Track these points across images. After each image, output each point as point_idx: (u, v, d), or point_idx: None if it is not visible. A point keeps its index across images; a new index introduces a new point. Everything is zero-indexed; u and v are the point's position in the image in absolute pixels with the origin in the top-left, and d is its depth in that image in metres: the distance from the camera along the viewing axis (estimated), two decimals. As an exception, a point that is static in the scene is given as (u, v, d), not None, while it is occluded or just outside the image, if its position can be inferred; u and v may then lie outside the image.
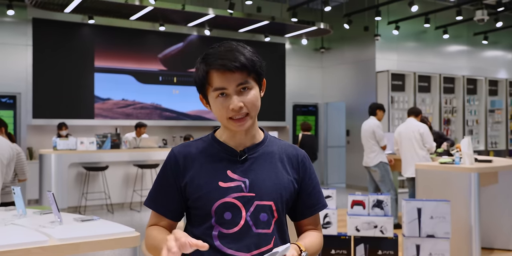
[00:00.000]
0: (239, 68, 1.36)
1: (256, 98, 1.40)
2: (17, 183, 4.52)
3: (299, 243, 1.40)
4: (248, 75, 1.38)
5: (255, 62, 1.40)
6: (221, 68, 1.36)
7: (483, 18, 8.69)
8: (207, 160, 1.45)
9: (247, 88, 1.39)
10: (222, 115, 1.39)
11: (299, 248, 1.37)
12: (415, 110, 6.56)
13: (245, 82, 1.38)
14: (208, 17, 9.05)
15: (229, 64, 1.35)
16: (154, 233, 1.44)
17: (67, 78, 9.20)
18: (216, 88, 1.37)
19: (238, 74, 1.36)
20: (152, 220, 1.50)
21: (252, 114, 1.40)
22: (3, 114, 8.69)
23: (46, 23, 9.05)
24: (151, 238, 1.44)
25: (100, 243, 2.20)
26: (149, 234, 1.46)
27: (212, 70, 1.38)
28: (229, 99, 1.37)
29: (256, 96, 1.40)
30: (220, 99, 1.38)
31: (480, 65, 11.95)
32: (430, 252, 3.95)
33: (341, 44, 11.42)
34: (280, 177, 1.46)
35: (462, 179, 4.58)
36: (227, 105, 1.37)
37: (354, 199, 4.18)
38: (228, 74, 1.36)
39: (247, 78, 1.38)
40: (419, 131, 6.22)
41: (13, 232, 2.35)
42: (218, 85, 1.37)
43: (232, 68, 1.35)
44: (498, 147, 11.95)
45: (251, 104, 1.39)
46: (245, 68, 1.37)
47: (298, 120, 11.76)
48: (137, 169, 8.29)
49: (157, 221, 1.49)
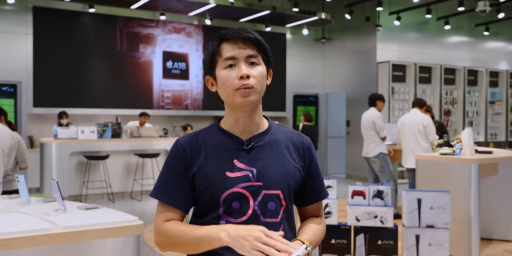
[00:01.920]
0: (251, 40, 1.40)
1: (263, 75, 1.42)
2: (18, 171, 4.53)
3: (303, 239, 1.40)
4: (259, 51, 1.42)
5: (266, 45, 1.45)
6: (234, 35, 1.40)
7: (485, 9, 8.66)
8: (213, 149, 1.44)
9: (256, 63, 1.41)
10: (228, 87, 1.39)
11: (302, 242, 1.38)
12: (420, 101, 6.53)
13: (255, 55, 1.41)
14: (209, 6, 9.01)
15: (243, 34, 1.40)
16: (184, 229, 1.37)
17: (68, 66, 9.18)
18: (227, 57, 1.40)
19: (250, 46, 1.40)
20: (164, 215, 1.43)
21: (258, 89, 1.40)
22: (4, 103, 8.69)
23: (46, 12, 9.01)
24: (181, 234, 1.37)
25: (104, 231, 2.22)
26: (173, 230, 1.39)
27: (224, 42, 1.41)
28: (238, 69, 1.39)
29: (263, 73, 1.42)
30: (229, 69, 1.40)
31: (481, 56, 11.93)
32: (430, 242, 3.99)
33: (342, 35, 11.39)
34: (287, 165, 1.46)
35: (462, 170, 4.60)
36: (235, 74, 1.39)
37: (355, 189, 4.20)
38: (240, 44, 1.40)
39: (258, 53, 1.42)
40: (423, 123, 6.21)
41: (18, 219, 2.37)
42: (229, 54, 1.40)
43: (245, 38, 1.40)
44: (498, 138, 11.97)
45: (258, 78, 1.40)
46: (258, 42, 1.41)
47: (299, 110, 11.76)
48: (137, 158, 8.31)
49: (170, 215, 1.43)
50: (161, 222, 1.43)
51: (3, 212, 2.50)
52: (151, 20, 9.92)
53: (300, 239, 1.41)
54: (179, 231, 1.38)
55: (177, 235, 1.37)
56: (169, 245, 1.40)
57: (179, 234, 1.37)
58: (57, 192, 2.48)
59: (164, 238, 1.40)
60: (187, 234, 1.36)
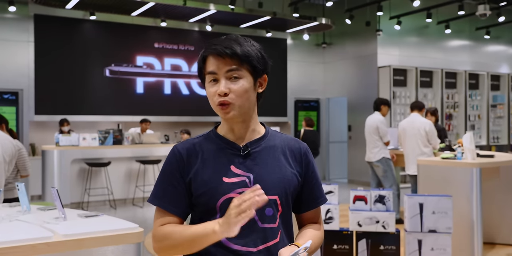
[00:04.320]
0: (229, 55, 1.38)
1: (244, 89, 1.40)
2: (19, 179, 4.54)
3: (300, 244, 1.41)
4: (240, 64, 1.39)
5: (251, 54, 1.41)
6: (213, 52, 1.39)
7: (485, 13, 8.65)
8: (210, 155, 1.45)
9: (238, 76, 1.39)
10: (211, 101, 1.42)
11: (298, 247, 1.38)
12: (419, 104, 6.47)
13: (235, 69, 1.39)
14: (210, 12, 9.04)
15: (220, 50, 1.39)
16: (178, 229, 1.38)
17: (69, 74, 9.20)
18: (208, 72, 1.41)
19: (229, 60, 1.39)
20: (160, 220, 1.44)
21: (236, 104, 1.39)
22: (6, 110, 8.71)
23: (47, 19, 9.05)
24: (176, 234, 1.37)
25: (104, 239, 2.21)
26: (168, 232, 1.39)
27: (208, 56, 1.42)
28: (218, 85, 1.40)
29: (244, 87, 1.40)
30: (211, 84, 1.41)
31: (482, 60, 11.92)
32: (432, 247, 3.97)
33: (343, 39, 11.40)
34: (284, 171, 1.47)
35: (464, 174, 4.58)
36: (215, 90, 1.39)
37: (356, 194, 4.19)
38: (219, 59, 1.39)
39: (239, 67, 1.39)
40: (425, 129, 6.14)
41: (18, 228, 2.36)
42: (210, 69, 1.41)
43: (222, 54, 1.38)
44: (500, 142, 11.94)
45: (237, 93, 1.39)
46: (236, 56, 1.39)
47: (300, 115, 11.76)
48: (139, 165, 8.31)
49: (167, 220, 1.43)
50: (157, 227, 1.44)
51: (3, 220, 2.50)
52: (152, 27, 9.95)
53: (296, 244, 1.41)
54: (173, 231, 1.39)
55: (171, 235, 1.38)
56: (166, 247, 1.40)
57: (174, 233, 1.38)
58: (57, 200, 2.48)
59: (160, 241, 1.41)
60: (182, 232, 1.37)
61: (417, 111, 6.38)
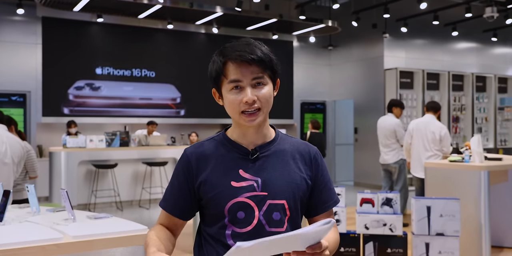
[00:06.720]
0: (256, 61, 1.37)
1: (270, 95, 1.41)
2: (28, 180, 4.56)
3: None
4: (264, 70, 1.39)
5: (272, 59, 1.42)
6: (238, 58, 1.37)
7: (493, 15, 8.62)
8: (219, 159, 1.45)
9: (262, 83, 1.40)
10: (234, 108, 1.40)
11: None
12: (436, 105, 6.10)
13: (261, 76, 1.39)
14: (216, 15, 9.07)
15: (247, 56, 1.36)
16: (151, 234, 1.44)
17: (77, 76, 9.24)
18: (232, 80, 1.38)
19: (255, 67, 1.37)
20: (160, 219, 1.52)
21: (264, 110, 1.40)
22: (14, 112, 8.76)
23: (55, 22, 9.10)
24: (148, 237, 1.43)
25: (113, 241, 2.22)
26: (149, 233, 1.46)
27: (229, 62, 1.38)
28: (243, 92, 1.38)
29: (269, 93, 1.41)
30: (234, 91, 1.39)
31: (489, 62, 11.88)
32: (440, 250, 3.95)
33: (349, 42, 11.39)
34: (293, 175, 1.46)
35: (472, 177, 4.57)
36: (241, 98, 1.38)
37: (363, 197, 4.19)
38: (244, 66, 1.37)
39: (263, 73, 1.39)
40: (440, 134, 5.89)
41: (28, 229, 2.38)
42: (233, 77, 1.38)
43: (249, 60, 1.36)
44: (507, 145, 11.88)
45: (265, 100, 1.39)
46: (262, 62, 1.38)
47: (306, 117, 11.75)
48: (146, 167, 8.33)
49: (165, 220, 1.50)
50: (155, 226, 1.51)
51: (13, 221, 2.52)
52: (159, 29, 9.99)
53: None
54: (149, 235, 1.44)
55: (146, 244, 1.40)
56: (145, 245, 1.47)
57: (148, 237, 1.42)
58: (66, 201, 2.50)
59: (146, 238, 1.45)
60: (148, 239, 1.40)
61: (432, 113, 6.07)
